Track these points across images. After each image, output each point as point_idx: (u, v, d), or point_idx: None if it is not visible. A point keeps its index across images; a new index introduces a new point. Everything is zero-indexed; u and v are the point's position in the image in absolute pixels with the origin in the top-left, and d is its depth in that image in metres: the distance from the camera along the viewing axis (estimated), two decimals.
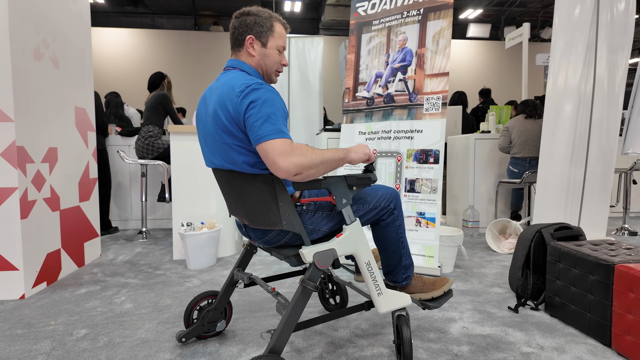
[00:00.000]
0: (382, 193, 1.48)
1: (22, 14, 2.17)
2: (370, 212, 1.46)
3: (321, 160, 1.22)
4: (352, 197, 1.39)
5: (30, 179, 2.22)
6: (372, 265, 1.39)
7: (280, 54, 1.43)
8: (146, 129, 3.56)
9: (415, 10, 2.75)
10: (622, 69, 2.65)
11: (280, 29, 1.42)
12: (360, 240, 1.37)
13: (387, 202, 1.47)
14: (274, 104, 1.21)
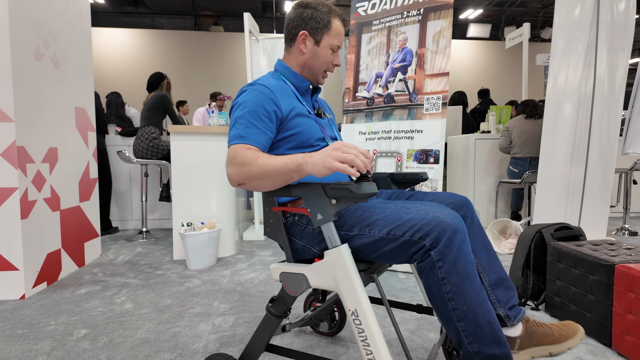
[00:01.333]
0: (411, 217, 1.00)
1: (22, 14, 2.17)
2: (381, 243, 1.02)
3: (261, 171, 1.03)
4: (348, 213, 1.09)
5: (31, 179, 2.22)
6: (362, 318, 0.96)
7: (333, 53, 1.29)
8: (148, 130, 3.56)
9: (416, 10, 2.75)
10: (622, 69, 2.65)
11: (338, 27, 1.27)
12: (342, 276, 0.98)
13: (419, 234, 0.97)
14: (245, 107, 1.15)
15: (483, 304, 0.97)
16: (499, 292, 1.20)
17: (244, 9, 9.84)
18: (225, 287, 2.30)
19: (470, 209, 1.24)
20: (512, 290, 1.22)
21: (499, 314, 1.19)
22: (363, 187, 0.94)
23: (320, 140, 1.24)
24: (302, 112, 1.23)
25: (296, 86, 1.30)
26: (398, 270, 2.60)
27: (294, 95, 1.27)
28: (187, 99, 8.57)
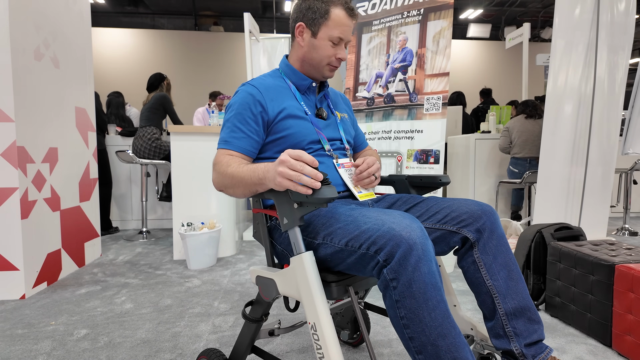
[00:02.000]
0: (367, 227, 0.89)
1: (22, 14, 2.17)
2: (343, 254, 0.94)
3: (230, 181, 1.03)
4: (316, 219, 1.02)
5: (31, 179, 2.22)
6: (319, 333, 0.88)
7: (334, 46, 1.17)
8: (149, 130, 3.56)
9: (416, 10, 2.74)
10: (622, 69, 2.65)
11: (338, 16, 1.15)
12: (303, 286, 0.91)
13: (374, 247, 0.87)
14: (232, 109, 1.15)
15: (448, 336, 0.82)
16: (518, 323, 1.02)
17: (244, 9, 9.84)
18: (226, 287, 2.30)
19: (491, 221, 1.05)
20: (537, 324, 1.03)
21: (511, 349, 1.00)
22: (320, 192, 0.86)
23: (314, 143, 1.19)
24: (294, 113, 1.17)
25: (297, 85, 1.24)
26: None
27: (291, 95, 1.22)
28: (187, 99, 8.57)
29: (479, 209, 1.06)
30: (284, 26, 10.43)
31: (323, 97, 1.31)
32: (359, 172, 1.19)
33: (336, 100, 1.37)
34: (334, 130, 1.27)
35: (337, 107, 1.35)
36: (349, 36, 1.19)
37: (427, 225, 1.10)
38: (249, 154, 1.13)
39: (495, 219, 1.07)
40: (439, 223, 1.08)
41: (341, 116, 1.32)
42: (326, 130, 1.24)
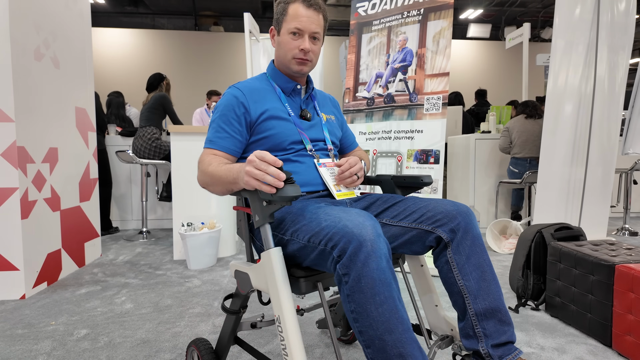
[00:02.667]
0: (326, 224, 0.93)
1: (22, 14, 2.17)
2: (307, 250, 0.98)
3: (210, 180, 1.10)
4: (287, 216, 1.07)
5: (31, 179, 2.22)
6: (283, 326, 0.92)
7: (295, 38, 1.20)
8: (149, 130, 3.56)
9: (416, 10, 2.74)
10: (622, 69, 2.65)
11: (294, 10, 1.19)
12: (270, 280, 0.96)
13: (330, 243, 0.90)
14: (218, 110, 1.21)
15: (394, 332, 0.84)
16: (488, 324, 1.02)
17: (244, 9, 9.83)
18: (226, 287, 2.30)
19: (467, 221, 1.06)
20: (507, 325, 1.03)
21: (478, 349, 1.02)
22: (283, 191, 0.91)
23: (296, 143, 1.23)
24: (276, 114, 1.21)
25: (282, 87, 1.28)
26: (398, 270, 2.60)
27: (276, 97, 1.26)
28: (187, 99, 8.58)
29: (455, 209, 1.07)
30: None
31: (310, 99, 1.35)
32: (340, 171, 1.22)
33: (323, 103, 1.41)
34: (317, 131, 1.30)
35: (323, 109, 1.38)
36: (310, 26, 1.19)
37: (403, 224, 1.12)
38: (232, 153, 1.20)
39: (471, 219, 1.07)
40: (414, 222, 1.10)
41: (327, 118, 1.36)
42: (310, 131, 1.28)
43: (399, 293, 0.88)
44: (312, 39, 1.21)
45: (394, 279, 0.88)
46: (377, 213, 1.18)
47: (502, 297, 1.05)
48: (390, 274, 0.87)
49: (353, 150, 1.48)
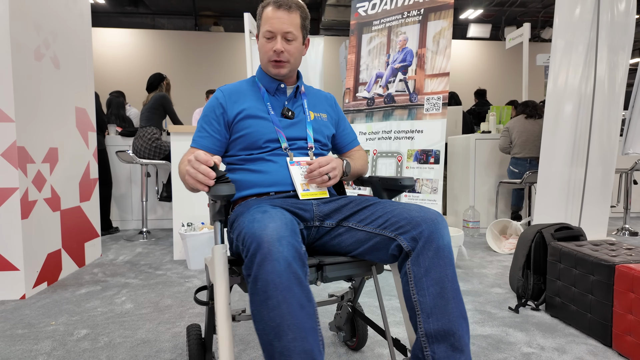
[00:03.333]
0: (245, 225, 0.94)
1: (22, 14, 2.17)
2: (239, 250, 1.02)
3: (181, 176, 1.16)
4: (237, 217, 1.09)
5: (31, 179, 2.22)
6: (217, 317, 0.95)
7: (269, 40, 1.22)
8: (150, 130, 3.56)
9: (416, 10, 2.75)
10: (622, 69, 2.65)
11: (266, 13, 1.21)
12: (212, 274, 1.01)
13: (243, 244, 0.92)
14: (203, 111, 1.28)
15: (283, 339, 0.81)
16: (438, 348, 0.91)
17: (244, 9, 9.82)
18: None
19: (431, 230, 0.97)
20: (460, 353, 0.91)
21: None
22: (214, 189, 0.95)
23: (272, 141, 1.23)
24: (253, 113, 1.24)
25: (267, 87, 1.31)
26: None
27: (258, 97, 1.29)
28: (188, 99, 8.58)
29: (420, 215, 1.00)
30: None
31: (298, 98, 1.35)
32: (309, 170, 1.20)
33: (316, 101, 1.39)
34: (300, 130, 1.29)
35: (314, 107, 1.37)
36: (281, 27, 1.20)
37: (368, 229, 1.07)
38: (210, 150, 1.25)
39: (436, 228, 0.98)
40: (378, 228, 1.05)
41: (315, 116, 1.34)
42: (290, 129, 1.28)
43: (303, 299, 0.84)
44: (286, 39, 1.21)
45: (297, 284, 0.84)
46: (346, 216, 1.14)
47: (460, 319, 0.93)
48: (292, 278, 0.83)
49: (350, 150, 1.45)
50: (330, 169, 1.19)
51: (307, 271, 0.89)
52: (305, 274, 0.88)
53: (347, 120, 1.48)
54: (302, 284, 0.85)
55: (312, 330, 0.84)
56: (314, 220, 1.14)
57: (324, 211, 1.15)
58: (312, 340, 0.82)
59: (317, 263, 1.08)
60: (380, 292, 1.25)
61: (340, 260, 1.12)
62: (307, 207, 1.14)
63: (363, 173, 1.41)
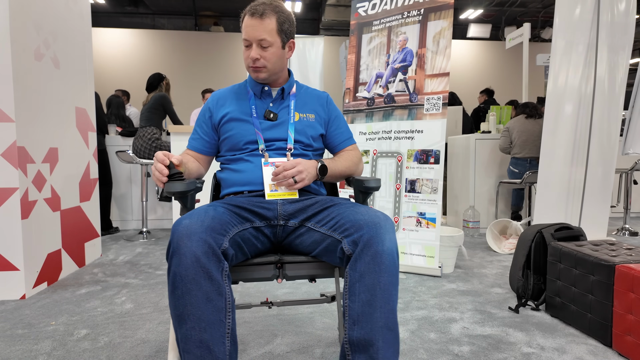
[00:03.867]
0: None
1: (22, 15, 2.17)
2: None
3: None
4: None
5: (31, 179, 2.22)
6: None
7: (247, 49, 1.26)
8: (149, 130, 3.57)
9: (416, 10, 2.75)
10: (622, 69, 2.65)
11: (244, 23, 1.24)
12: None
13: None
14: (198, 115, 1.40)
15: (182, 327, 0.88)
16: (359, 358, 0.90)
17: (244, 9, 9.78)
18: None
19: (372, 234, 0.96)
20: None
21: None
22: (169, 186, 1.06)
23: (250, 143, 1.30)
24: (236, 116, 1.31)
25: (254, 90, 1.36)
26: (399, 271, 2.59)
27: (244, 100, 1.34)
28: (187, 99, 8.59)
29: (364, 218, 1.00)
30: None
31: (287, 98, 1.37)
32: (274, 173, 1.21)
33: (306, 101, 1.40)
34: (281, 131, 1.32)
35: (302, 108, 1.38)
36: (255, 34, 1.22)
37: (322, 230, 1.10)
38: (199, 151, 1.38)
39: (378, 232, 0.96)
40: (329, 230, 1.07)
41: (301, 117, 1.35)
42: (270, 131, 1.31)
43: (212, 293, 0.89)
44: (261, 46, 1.24)
45: (206, 278, 0.89)
46: (308, 216, 1.16)
47: (385, 330, 0.91)
48: (199, 272, 0.89)
49: (342, 150, 1.43)
50: (296, 173, 1.18)
51: (223, 266, 0.93)
52: (219, 269, 0.92)
53: (341, 120, 1.46)
54: (211, 278, 0.89)
55: (216, 323, 0.88)
56: (279, 219, 1.18)
57: (288, 211, 1.18)
58: (212, 332, 0.87)
59: (277, 260, 1.12)
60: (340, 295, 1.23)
61: (301, 259, 1.14)
62: (271, 207, 1.18)
63: (353, 173, 1.38)
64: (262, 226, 1.15)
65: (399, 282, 0.98)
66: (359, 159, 1.41)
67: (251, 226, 1.13)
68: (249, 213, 1.15)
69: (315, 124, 1.37)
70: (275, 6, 1.25)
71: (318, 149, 1.40)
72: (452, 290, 2.24)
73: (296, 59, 5.09)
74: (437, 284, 2.34)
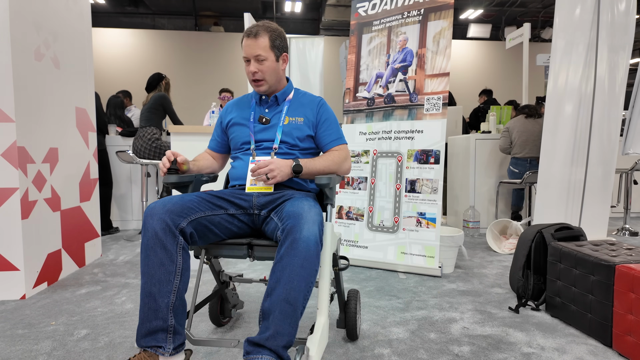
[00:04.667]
0: None
1: (22, 15, 2.17)
2: None
3: None
4: None
5: (31, 179, 2.22)
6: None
7: (247, 64, 1.47)
8: (149, 130, 3.56)
9: (416, 10, 2.75)
10: (622, 69, 2.65)
11: (243, 43, 1.47)
12: None
13: None
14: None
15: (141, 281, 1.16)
16: (263, 323, 1.09)
17: (244, 9, 9.80)
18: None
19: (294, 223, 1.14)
20: (265, 329, 1.07)
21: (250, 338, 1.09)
22: (165, 177, 1.36)
23: (245, 143, 1.53)
24: (237, 121, 1.56)
25: (255, 98, 1.58)
26: (398, 270, 2.60)
27: (247, 107, 1.58)
28: (188, 99, 8.59)
29: (293, 211, 1.19)
30: (284, 26, 10.39)
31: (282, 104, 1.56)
32: (251, 170, 1.39)
33: (297, 106, 1.56)
34: (270, 133, 1.51)
35: (293, 112, 1.54)
36: (251, 52, 1.45)
37: (276, 220, 1.29)
38: (214, 150, 1.67)
39: (298, 223, 1.13)
40: (279, 220, 1.25)
41: (290, 120, 1.53)
42: (262, 133, 1.52)
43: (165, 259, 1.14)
44: (258, 61, 1.45)
45: (161, 248, 1.14)
46: (273, 208, 1.37)
47: (282, 302, 1.07)
48: (157, 243, 1.15)
49: (328, 150, 1.57)
50: (268, 171, 1.35)
51: (178, 240, 1.17)
52: (174, 242, 1.17)
53: (331, 122, 1.58)
54: (165, 248, 1.15)
55: (164, 282, 1.13)
56: (253, 208, 1.40)
57: (260, 202, 1.40)
58: (160, 287, 1.13)
59: (247, 242, 1.32)
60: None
61: (266, 243, 1.32)
62: (248, 198, 1.40)
63: (335, 171, 1.50)
64: (237, 213, 1.38)
65: (314, 267, 1.13)
66: (343, 159, 1.53)
67: (225, 213, 1.35)
68: (225, 202, 1.37)
69: (303, 126, 1.52)
70: (267, 26, 1.46)
71: (306, 148, 1.54)
72: (452, 290, 2.24)
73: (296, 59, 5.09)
74: (437, 284, 2.34)
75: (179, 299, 1.16)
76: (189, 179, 1.46)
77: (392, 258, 2.62)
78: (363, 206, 2.80)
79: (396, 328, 1.75)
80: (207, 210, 1.30)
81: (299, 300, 1.08)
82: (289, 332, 1.07)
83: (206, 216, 1.28)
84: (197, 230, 1.25)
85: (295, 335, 1.10)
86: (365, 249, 2.73)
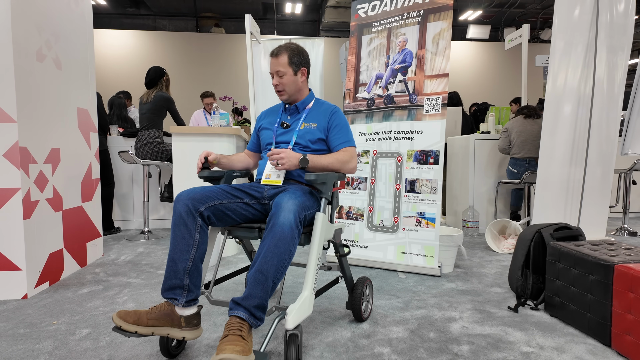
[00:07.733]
0: None
1: (24, 16, 2.18)
2: None
3: None
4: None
5: (33, 179, 2.24)
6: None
7: (273, 79, 1.76)
8: (151, 133, 3.54)
9: (415, 11, 2.76)
10: (621, 70, 2.66)
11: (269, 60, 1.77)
12: None
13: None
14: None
15: (169, 249, 1.46)
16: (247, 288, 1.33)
17: (245, 11, 9.83)
18: (226, 286, 2.31)
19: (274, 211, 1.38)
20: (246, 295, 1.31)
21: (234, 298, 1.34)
22: (199, 173, 1.68)
23: (269, 144, 1.80)
24: (265, 126, 1.86)
25: (282, 108, 1.87)
26: (398, 270, 2.61)
27: (277, 114, 1.87)
28: (188, 101, 8.60)
29: (277, 201, 1.42)
30: (285, 28, 10.44)
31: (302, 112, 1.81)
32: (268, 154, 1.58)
33: (314, 114, 1.80)
34: (288, 136, 1.77)
35: (309, 119, 1.79)
36: (274, 69, 1.74)
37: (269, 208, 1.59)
38: (251, 149, 1.97)
39: (278, 211, 1.37)
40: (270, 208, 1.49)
41: (305, 125, 1.77)
42: (282, 135, 1.79)
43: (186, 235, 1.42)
44: (278, 75, 1.73)
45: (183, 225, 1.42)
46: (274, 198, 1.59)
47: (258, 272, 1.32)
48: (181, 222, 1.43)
49: (334, 152, 1.76)
50: (279, 158, 1.54)
51: (197, 221, 1.45)
52: (193, 222, 1.44)
53: (342, 127, 1.78)
54: (186, 226, 1.43)
55: (184, 251, 1.42)
56: (265, 199, 1.65)
57: (270, 194, 1.66)
58: (180, 255, 1.41)
59: (258, 227, 1.56)
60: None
61: None
62: (260, 190, 1.67)
63: (339, 169, 1.69)
64: (251, 202, 1.62)
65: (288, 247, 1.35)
66: (348, 159, 1.72)
67: (241, 202, 1.59)
68: (241, 193, 1.61)
69: (315, 130, 1.76)
70: (287, 46, 1.75)
71: (317, 150, 1.76)
72: (452, 289, 2.25)
73: None
74: (437, 284, 2.35)
75: (194, 266, 1.44)
76: (220, 174, 1.75)
77: (392, 258, 2.63)
78: (363, 206, 2.81)
79: (396, 327, 1.76)
80: (225, 199, 1.55)
81: (270, 271, 1.32)
82: (260, 295, 1.31)
83: (223, 203, 1.54)
84: (215, 215, 1.51)
85: (267, 299, 1.32)
86: (365, 248, 2.74)
